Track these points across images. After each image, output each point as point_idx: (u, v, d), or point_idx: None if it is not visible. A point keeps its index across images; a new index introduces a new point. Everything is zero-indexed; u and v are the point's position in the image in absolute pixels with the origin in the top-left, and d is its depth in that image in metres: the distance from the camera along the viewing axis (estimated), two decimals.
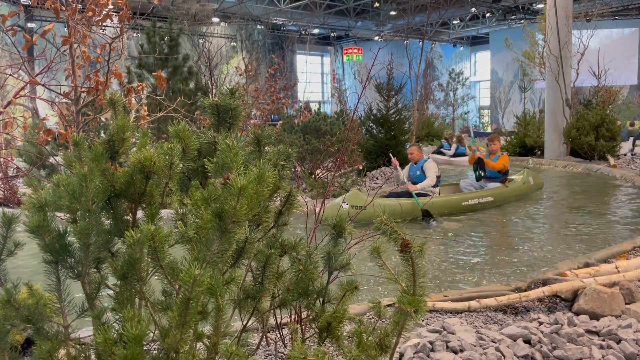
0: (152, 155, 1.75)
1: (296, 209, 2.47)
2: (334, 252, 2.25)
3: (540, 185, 9.79)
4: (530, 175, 9.54)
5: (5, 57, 20.52)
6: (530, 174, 9.57)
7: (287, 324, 3.53)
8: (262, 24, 29.01)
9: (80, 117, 2.99)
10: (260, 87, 14.27)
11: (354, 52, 35.28)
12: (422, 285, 1.66)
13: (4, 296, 1.56)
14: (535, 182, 9.59)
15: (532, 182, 9.41)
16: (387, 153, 12.51)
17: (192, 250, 1.76)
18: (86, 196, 1.62)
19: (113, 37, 2.73)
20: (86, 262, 1.64)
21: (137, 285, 1.62)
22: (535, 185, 9.59)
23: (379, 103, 13.31)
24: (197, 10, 21.90)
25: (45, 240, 1.62)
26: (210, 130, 2.30)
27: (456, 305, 3.69)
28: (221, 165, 1.65)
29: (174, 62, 10.73)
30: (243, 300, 2.09)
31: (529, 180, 9.41)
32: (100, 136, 8.79)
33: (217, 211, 1.57)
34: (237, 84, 13.87)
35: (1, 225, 1.87)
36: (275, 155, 2.41)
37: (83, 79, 3.07)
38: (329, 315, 2.07)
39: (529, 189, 9.46)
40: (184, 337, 1.45)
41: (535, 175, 9.74)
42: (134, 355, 1.37)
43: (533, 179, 9.52)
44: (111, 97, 1.86)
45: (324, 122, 10.31)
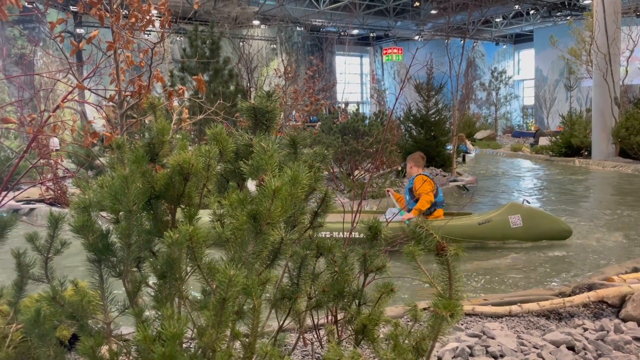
0: (191, 157, 1.79)
1: (332, 211, 2.48)
2: (370, 255, 2.24)
3: (559, 233, 6.18)
4: (518, 214, 6.04)
5: (55, 62, 21.38)
6: (516, 212, 6.07)
7: (323, 325, 3.54)
8: (302, 26, 29.16)
9: (124, 120, 3.08)
10: (299, 88, 14.36)
11: (394, 52, 35.01)
12: (458, 289, 1.64)
13: (50, 293, 1.63)
14: (539, 226, 6.09)
15: (520, 224, 6.02)
16: (426, 153, 12.37)
17: (229, 251, 1.79)
18: (127, 197, 1.67)
19: (155, 42, 2.81)
20: (127, 261, 1.69)
21: (176, 285, 1.66)
22: (537, 230, 6.08)
23: (419, 103, 13.17)
24: (238, 13, 22.22)
25: (89, 239, 1.68)
26: (247, 132, 2.34)
27: (496, 310, 3.61)
28: (256, 167, 1.67)
29: (215, 65, 10.92)
30: (279, 301, 2.11)
31: (508, 221, 6.05)
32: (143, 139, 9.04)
33: (252, 213, 1.59)
34: (276, 86, 14.00)
35: (49, 224, 1.96)
36: (310, 157, 2.43)
37: (127, 83, 3.16)
38: (365, 318, 2.07)
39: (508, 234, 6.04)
40: (220, 336, 1.48)
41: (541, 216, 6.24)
42: (172, 352, 1.40)
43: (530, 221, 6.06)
44: (151, 101, 1.92)
45: (362, 122, 10.28)
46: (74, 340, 3.15)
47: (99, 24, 2.87)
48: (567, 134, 17.43)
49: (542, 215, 6.22)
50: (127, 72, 3.27)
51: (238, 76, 11.62)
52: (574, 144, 16.83)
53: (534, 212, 6.20)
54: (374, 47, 37.60)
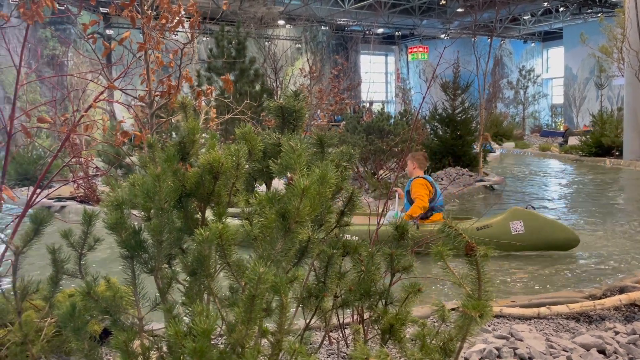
0: (220, 156, 1.82)
1: (358, 210, 2.48)
2: (397, 254, 2.24)
3: (564, 242, 5.78)
4: (520, 220, 5.70)
5: (85, 62, 21.85)
6: (518, 218, 5.71)
7: (349, 324, 3.55)
8: (327, 25, 29.18)
9: (154, 120, 3.14)
10: (324, 88, 14.38)
11: (419, 51, 34.74)
12: (487, 289, 1.62)
13: (84, 288, 1.67)
14: (542, 233, 5.73)
15: (522, 231, 5.67)
16: (452, 153, 12.26)
17: (257, 249, 1.81)
18: (159, 195, 1.70)
19: (184, 42, 2.86)
20: (159, 257, 1.73)
21: (206, 281, 1.68)
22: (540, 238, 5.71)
23: (445, 102, 13.05)
24: (264, 13, 22.36)
25: (122, 236, 1.72)
26: (275, 131, 2.36)
27: (525, 311, 3.56)
28: (285, 166, 1.68)
29: (241, 65, 11.01)
30: (306, 299, 2.12)
31: (509, 227, 5.70)
32: (171, 138, 9.18)
33: (281, 211, 1.61)
34: (301, 86, 14.05)
35: (83, 221, 2.01)
36: (337, 156, 2.44)
37: (156, 83, 3.22)
38: (392, 317, 2.07)
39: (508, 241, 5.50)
40: (250, 333, 1.50)
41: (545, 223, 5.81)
42: (202, 348, 1.42)
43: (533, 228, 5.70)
44: (182, 101, 1.95)
45: (387, 122, 10.24)
46: (104, 335, 3.23)
47: (129, 26, 2.93)
48: (597, 133, 17.06)
49: (546, 222, 5.81)
50: (156, 73, 3.33)
51: (264, 76, 11.69)
52: (604, 143, 16.46)
53: (538, 219, 5.79)
54: (399, 45, 37.37)
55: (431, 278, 4.47)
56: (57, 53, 23.26)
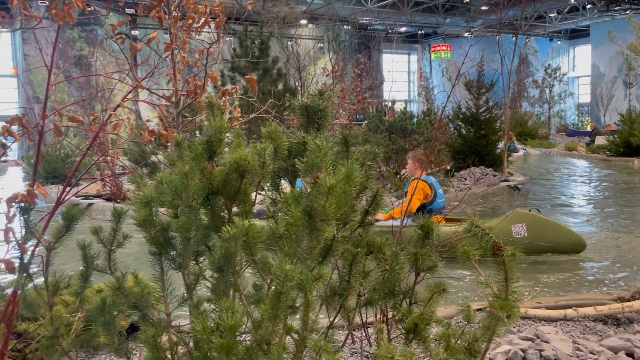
0: (247, 155, 1.83)
1: (382, 209, 2.48)
2: (421, 254, 2.23)
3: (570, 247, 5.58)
4: (522, 223, 5.48)
5: (112, 63, 22.22)
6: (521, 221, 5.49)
7: (372, 323, 3.54)
8: (349, 24, 29.11)
9: (180, 119, 3.18)
10: (346, 87, 14.36)
11: (443, 49, 34.44)
12: (514, 290, 1.61)
13: (114, 284, 1.70)
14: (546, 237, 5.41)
15: (524, 235, 5.44)
16: (476, 152, 12.12)
17: (282, 247, 1.83)
18: (187, 193, 1.73)
19: (210, 42, 2.89)
20: (186, 254, 1.75)
21: (232, 278, 1.70)
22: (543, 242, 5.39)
23: (469, 101, 12.92)
24: (286, 13, 22.42)
25: (150, 233, 1.75)
26: (299, 130, 2.37)
27: (551, 313, 3.51)
28: (311, 164, 1.69)
29: (264, 65, 11.07)
30: (330, 298, 2.13)
31: (511, 230, 5.47)
32: (195, 136, 9.28)
33: (307, 209, 1.62)
34: (324, 85, 14.06)
35: (112, 218, 2.05)
36: (362, 155, 2.44)
37: (182, 82, 3.26)
38: (416, 317, 2.06)
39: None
40: (276, 330, 1.51)
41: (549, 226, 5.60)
42: (229, 344, 1.44)
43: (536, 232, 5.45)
44: (210, 100, 1.97)
45: (410, 121, 10.19)
46: (130, 330, 3.28)
47: (154, 26, 2.97)
48: (625, 132, 16.69)
49: (550, 226, 5.56)
50: (182, 72, 3.37)
51: (287, 75, 11.74)
52: (633, 143, 16.10)
53: (542, 222, 5.55)
54: (422, 44, 37.11)
55: (454, 278, 4.45)
56: (84, 53, 23.72)
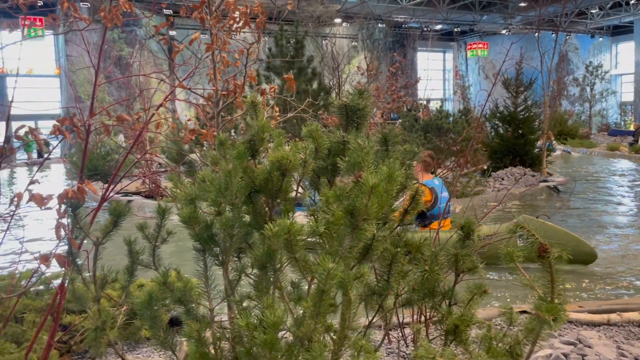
0: (289, 154, 1.85)
1: (421, 209, 2.46)
2: (462, 254, 2.21)
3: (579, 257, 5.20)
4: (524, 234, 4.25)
5: (149, 63, 22.72)
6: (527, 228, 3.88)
7: (409, 324, 3.53)
8: (384, 23, 28.95)
9: (219, 118, 3.23)
10: (381, 86, 14.29)
11: (479, 47, 33.88)
12: (560, 292, 1.58)
13: (160, 279, 1.75)
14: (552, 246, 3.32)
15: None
16: (513, 152, 11.88)
17: (323, 245, 1.84)
18: (230, 191, 1.76)
19: (250, 43, 2.93)
20: (229, 251, 1.78)
21: (274, 276, 1.72)
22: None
23: (506, 100, 12.67)
24: (321, 12, 22.46)
25: (195, 230, 1.78)
26: (338, 129, 2.38)
27: (593, 317, 3.42)
28: (353, 163, 1.70)
29: (299, 64, 11.12)
30: (369, 297, 2.13)
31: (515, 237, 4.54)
32: (231, 135, 9.41)
33: (349, 208, 1.63)
34: (358, 84, 14.04)
35: (157, 215, 2.10)
36: (401, 154, 2.43)
37: (222, 82, 3.31)
38: (457, 318, 2.04)
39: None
40: (318, 327, 1.53)
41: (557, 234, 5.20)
42: (272, 340, 1.46)
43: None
44: (252, 100, 2.00)
45: (446, 120, 10.07)
46: (170, 325, 3.36)
47: (191, 27, 3.02)
48: None
49: (559, 234, 5.22)
50: (221, 72, 3.42)
51: (321, 74, 11.76)
52: None
53: (550, 230, 5.19)
54: (458, 42, 36.61)
55: (490, 280, 4.38)
56: (123, 54, 24.34)
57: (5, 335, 3.28)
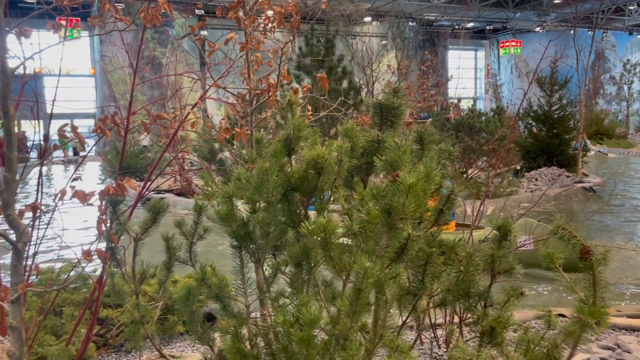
0: (324, 152, 1.86)
1: (456, 208, 2.44)
2: (499, 256, 2.17)
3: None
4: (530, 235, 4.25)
5: (181, 62, 23.06)
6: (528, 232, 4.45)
7: (441, 325, 3.49)
8: (415, 21, 28.69)
9: (253, 117, 3.26)
10: (411, 84, 14.18)
11: (512, 45, 33.25)
12: (602, 296, 1.54)
13: (199, 275, 1.78)
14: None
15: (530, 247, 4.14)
16: (547, 152, 11.62)
17: (357, 244, 1.83)
18: (267, 189, 1.77)
19: (285, 42, 2.95)
20: (266, 248, 1.80)
21: (310, 273, 1.73)
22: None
23: (540, 98, 12.42)
24: (351, 10, 22.40)
25: (232, 227, 1.80)
26: (373, 128, 2.37)
27: (632, 322, 3.33)
28: (390, 162, 1.69)
29: (329, 63, 11.11)
30: (403, 297, 2.12)
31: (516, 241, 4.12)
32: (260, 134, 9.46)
33: (386, 207, 1.62)
34: (388, 83, 13.95)
35: (194, 212, 2.13)
36: (436, 154, 2.41)
37: (256, 82, 3.34)
38: (493, 320, 2.01)
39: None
40: (354, 326, 1.53)
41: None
42: (309, 337, 1.47)
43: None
44: (289, 99, 2.01)
45: (479, 119, 9.93)
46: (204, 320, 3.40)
47: (222, 27, 3.05)
48: None
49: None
50: (255, 72, 3.45)
51: (351, 73, 11.73)
52: None
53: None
54: (490, 40, 36.02)
55: (524, 281, 4.29)
56: (156, 54, 24.77)
57: (45, 327, 3.38)
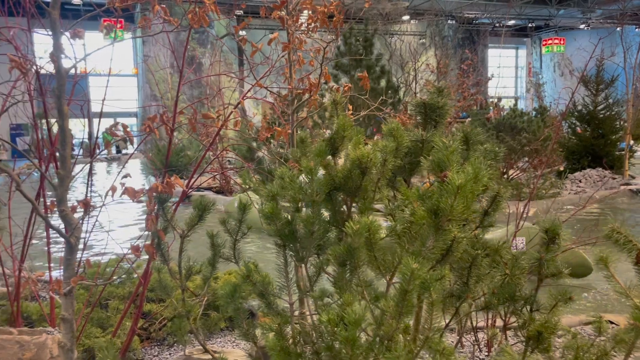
0: (369, 152, 1.85)
1: (502, 210, 2.39)
2: (546, 259, 2.12)
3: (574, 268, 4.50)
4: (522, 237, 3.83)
5: (221, 61, 23.39)
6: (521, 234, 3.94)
7: (481, 328, 3.43)
8: (454, 19, 28.26)
9: (294, 117, 3.27)
10: (450, 83, 13.97)
11: (555, 43, 32.35)
12: None
13: (244, 272, 1.80)
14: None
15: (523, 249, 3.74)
16: (592, 153, 11.27)
17: (401, 244, 1.82)
18: (312, 188, 1.78)
19: (327, 41, 2.95)
20: (310, 247, 1.81)
21: (354, 273, 1.73)
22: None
23: (585, 98, 12.05)
24: (390, 9, 22.24)
25: (276, 225, 1.82)
26: (417, 128, 2.35)
27: None
28: (437, 163, 1.67)
29: (367, 62, 11.07)
30: (447, 299, 2.09)
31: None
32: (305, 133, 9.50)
33: (433, 208, 1.60)
34: (427, 82, 13.79)
35: (239, 210, 2.16)
36: (482, 154, 2.36)
37: (297, 81, 3.35)
38: (540, 325, 1.97)
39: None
40: (400, 327, 1.52)
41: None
42: (354, 337, 1.47)
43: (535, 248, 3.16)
44: (334, 99, 2.01)
45: (521, 119, 9.70)
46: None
47: (259, 27, 3.06)
48: None
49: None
50: (297, 71, 3.46)
51: (389, 72, 11.66)
52: None
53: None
54: (532, 37, 35.16)
55: (572, 286, 4.17)
56: (195, 54, 25.21)
57: (91, 320, 3.50)
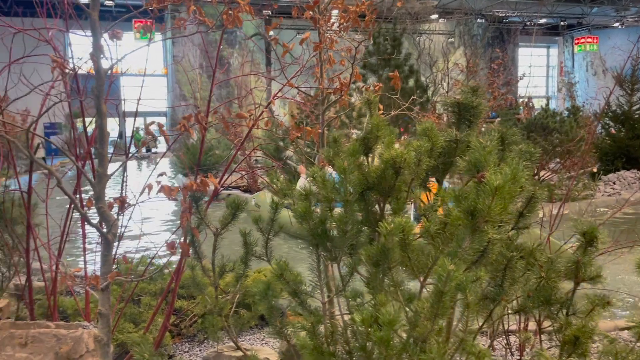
0: (403, 152, 1.84)
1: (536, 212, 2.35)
2: (584, 262, 2.07)
3: None
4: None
5: (248, 61, 23.55)
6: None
7: (513, 331, 3.37)
8: (484, 17, 27.87)
9: (324, 116, 3.27)
10: (480, 83, 13.77)
11: (588, 42, 31.59)
12: None
13: (277, 270, 1.81)
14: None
15: None
16: (627, 154, 10.98)
17: (435, 245, 1.80)
18: (345, 188, 1.78)
19: (359, 41, 2.94)
20: (343, 247, 1.80)
21: (388, 274, 1.72)
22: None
23: (619, 98, 11.75)
24: (418, 8, 22.06)
25: (309, 225, 1.82)
26: (450, 128, 2.32)
27: None
28: (474, 163, 1.65)
29: (396, 61, 11.00)
30: (482, 301, 2.06)
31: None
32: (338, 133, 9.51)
33: (470, 209, 1.58)
34: (456, 81, 13.64)
35: (271, 209, 2.17)
36: (517, 155, 2.32)
37: (327, 81, 3.35)
38: (577, 329, 1.92)
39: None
40: (435, 329, 1.50)
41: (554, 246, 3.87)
42: (388, 337, 1.46)
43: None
44: (367, 98, 2.01)
45: (553, 119, 9.51)
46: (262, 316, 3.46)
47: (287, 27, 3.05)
48: None
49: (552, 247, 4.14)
50: (327, 71, 3.46)
51: (418, 72, 11.56)
52: None
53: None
54: (563, 36, 34.42)
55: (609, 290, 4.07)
56: (224, 54, 25.45)
57: (124, 315, 3.56)
